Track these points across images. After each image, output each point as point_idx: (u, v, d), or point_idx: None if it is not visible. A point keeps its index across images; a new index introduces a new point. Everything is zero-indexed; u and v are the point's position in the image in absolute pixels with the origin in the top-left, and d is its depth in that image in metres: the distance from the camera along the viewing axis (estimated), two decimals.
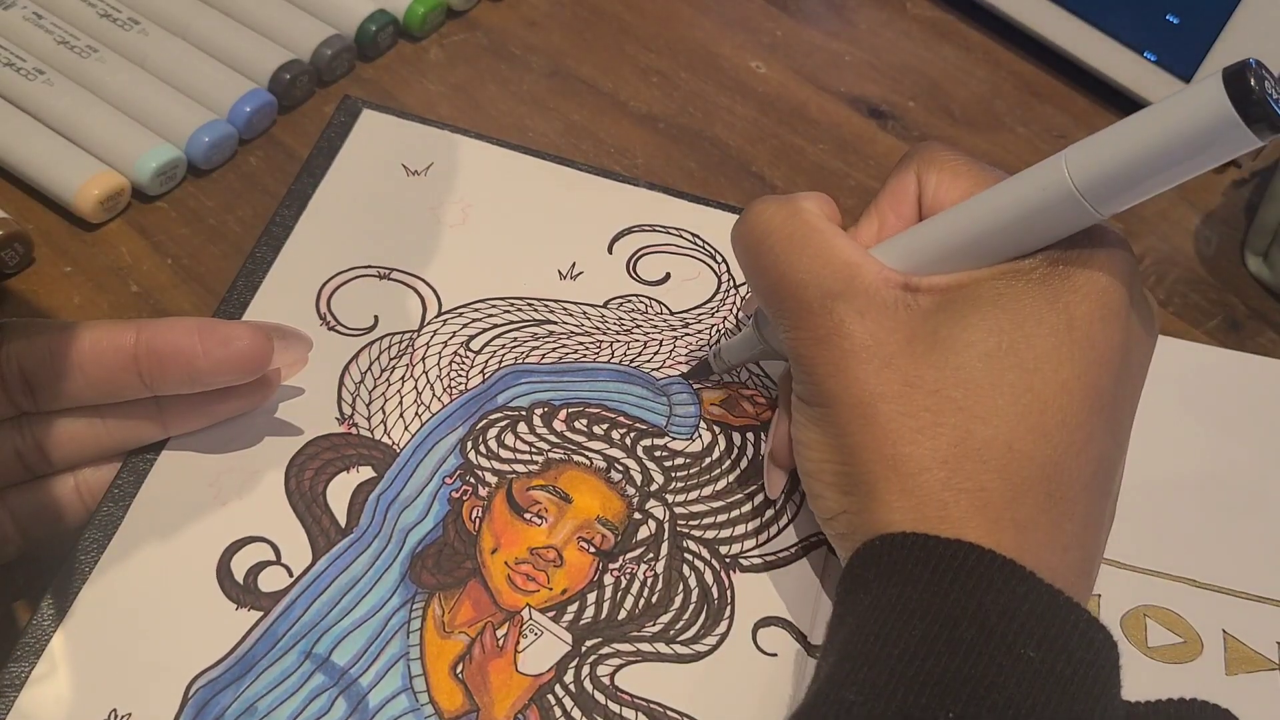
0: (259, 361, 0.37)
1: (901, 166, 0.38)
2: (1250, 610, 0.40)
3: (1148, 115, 0.31)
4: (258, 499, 0.38)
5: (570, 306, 0.44)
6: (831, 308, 0.34)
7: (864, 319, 0.34)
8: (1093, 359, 0.33)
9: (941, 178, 0.36)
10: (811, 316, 0.34)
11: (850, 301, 0.34)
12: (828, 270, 0.35)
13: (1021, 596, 0.30)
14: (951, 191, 0.36)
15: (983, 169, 0.36)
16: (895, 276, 0.34)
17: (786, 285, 0.35)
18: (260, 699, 0.35)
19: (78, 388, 0.36)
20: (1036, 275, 0.33)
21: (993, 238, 0.34)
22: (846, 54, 0.59)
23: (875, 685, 0.29)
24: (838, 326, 0.34)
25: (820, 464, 0.35)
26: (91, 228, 0.48)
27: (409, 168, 0.47)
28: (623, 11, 0.59)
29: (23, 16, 0.52)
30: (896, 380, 0.33)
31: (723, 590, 0.38)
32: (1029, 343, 0.33)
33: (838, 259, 0.35)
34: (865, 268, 0.35)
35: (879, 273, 0.34)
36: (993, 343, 0.33)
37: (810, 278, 0.35)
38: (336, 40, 0.53)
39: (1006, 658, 0.29)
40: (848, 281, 0.34)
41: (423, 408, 0.41)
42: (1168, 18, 0.55)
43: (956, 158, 0.37)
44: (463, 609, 0.37)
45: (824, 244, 0.35)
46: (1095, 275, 0.33)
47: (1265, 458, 0.44)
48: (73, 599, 0.36)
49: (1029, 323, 0.33)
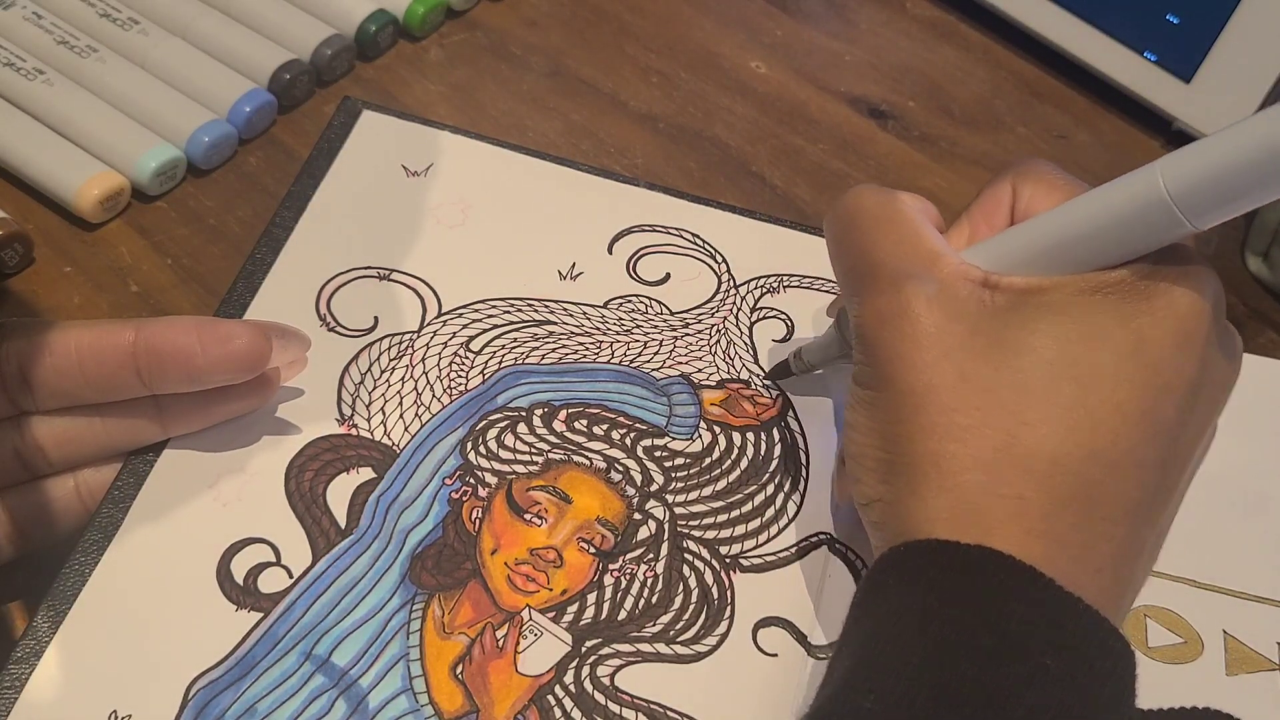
0: (257, 360, 0.37)
1: (999, 177, 0.37)
2: (1250, 610, 0.40)
3: (1247, 124, 0.30)
4: (258, 500, 0.38)
5: (570, 307, 0.44)
6: (902, 287, 0.34)
7: (932, 305, 0.33)
8: (1156, 385, 0.32)
9: (1037, 189, 0.36)
10: (881, 294, 0.34)
11: (924, 286, 0.34)
12: (909, 254, 0.34)
13: (1042, 604, 0.30)
14: (1045, 203, 0.36)
15: (1080, 185, 0.36)
16: (974, 271, 0.34)
17: (865, 262, 0.35)
18: (260, 700, 0.35)
19: (77, 386, 0.36)
20: (1115, 291, 0.33)
21: (1077, 243, 0.33)
22: (846, 54, 0.59)
23: (892, 693, 0.29)
24: (904, 308, 0.34)
25: (865, 448, 0.35)
26: (91, 228, 0.48)
27: (409, 169, 0.47)
28: (623, 11, 0.59)
29: (23, 16, 0.52)
30: (953, 373, 0.33)
31: (723, 590, 0.38)
32: (1092, 357, 0.32)
33: (921, 245, 0.35)
34: (946, 258, 0.34)
35: (958, 265, 0.34)
36: (1055, 351, 0.32)
37: (889, 257, 0.35)
38: (336, 40, 0.53)
39: (1024, 666, 0.29)
40: (926, 267, 0.34)
41: (423, 408, 0.41)
42: (1168, 18, 0.55)
43: (1055, 172, 0.36)
44: (463, 610, 0.37)
45: (911, 230, 0.35)
46: (1174, 299, 0.33)
47: (1265, 458, 0.44)
48: (73, 600, 0.36)
49: (1096, 337, 0.32)
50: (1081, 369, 0.32)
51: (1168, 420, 0.33)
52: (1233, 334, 0.35)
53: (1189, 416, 0.33)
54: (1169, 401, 0.32)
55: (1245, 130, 0.30)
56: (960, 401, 0.32)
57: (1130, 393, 0.32)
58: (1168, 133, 0.56)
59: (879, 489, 0.34)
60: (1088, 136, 0.56)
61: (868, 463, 0.34)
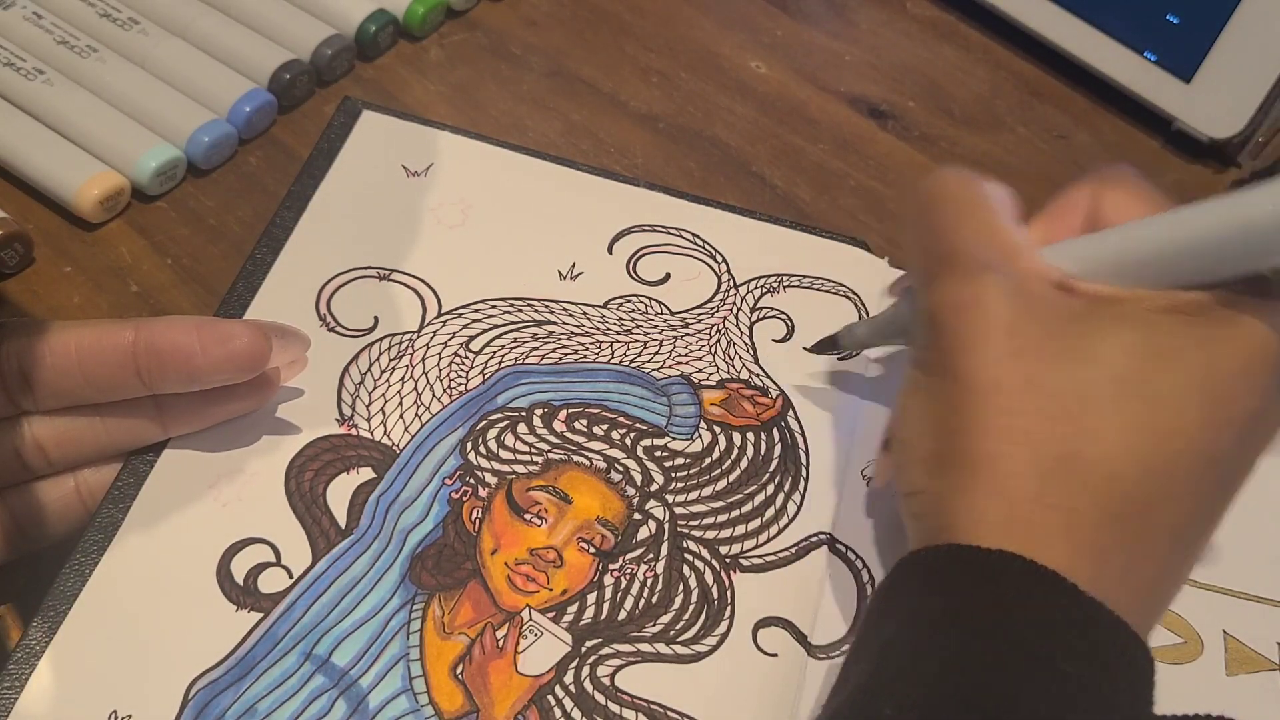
0: (257, 359, 0.37)
1: (1079, 183, 0.37)
2: (1250, 610, 0.40)
3: None
4: (258, 500, 0.38)
5: (570, 307, 0.44)
6: (979, 277, 0.33)
7: (1008, 300, 0.33)
8: (1221, 414, 0.32)
9: (1122, 197, 0.36)
10: (958, 281, 0.34)
11: (1001, 278, 0.33)
12: (990, 243, 0.34)
13: (1064, 610, 0.30)
14: (1128, 212, 0.35)
15: (1166, 198, 0.35)
16: (1053, 272, 0.34)
17: (944, 245, 0.34)
18: (260, 700, 0.35)
19: (77, 386, 0.36)
20: (1192, 313, 0.32)
21: (1164, 258, 0.33)
22: (846, 54, 0.59)
23: (912, 700, 0.29)
24: (979, 298, 0.33)
25: (918, 436, 0.34)
26: (91, 228, 0.48)
27: (409, 169, 0.47)
28: (623, 11, 0.59)
29: (23, 16, 0.52)
30: (1020, 373, 0.32)
31: (723, 590, 0.38)
32: (1163, 378, 0.32)
33: (1003, 236, 0.34)
34: (1026, 253, 0.34)
35: (1036, 264, 0.34)
36: (1126, 366, 0.32)
37: (969, 244, 0.34)
38: (336, 40, 0.53)
39: (1046, 674, 0.29)
40: (1005, 259, 0.34)
41: (423, 408, 0.41)
42: (1168, 18, 0.55)
43: (1142, 182, 0.36)
44: (463, 610, 0.37)
45: (994, 219, 0.35)
46: (1251, 329, 0.32)
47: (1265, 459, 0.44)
48: (73, 600, 0.36)
49: (1168, 357, 0.32)
50: (1150, 388, 0.32)
51: (1226, 451, 0.32)
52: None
53: (1245, 448, 0.33)
54: (1230, 433, 0.32)
55: None
56: (1025, 405, 0.32)
57: (1195, 419, 0.31)
58: (1167, 133, 0.56)
59: (926, 481, 0.33)
60: (1088, 136, 0.56)
61: (918, 452, 0.34)
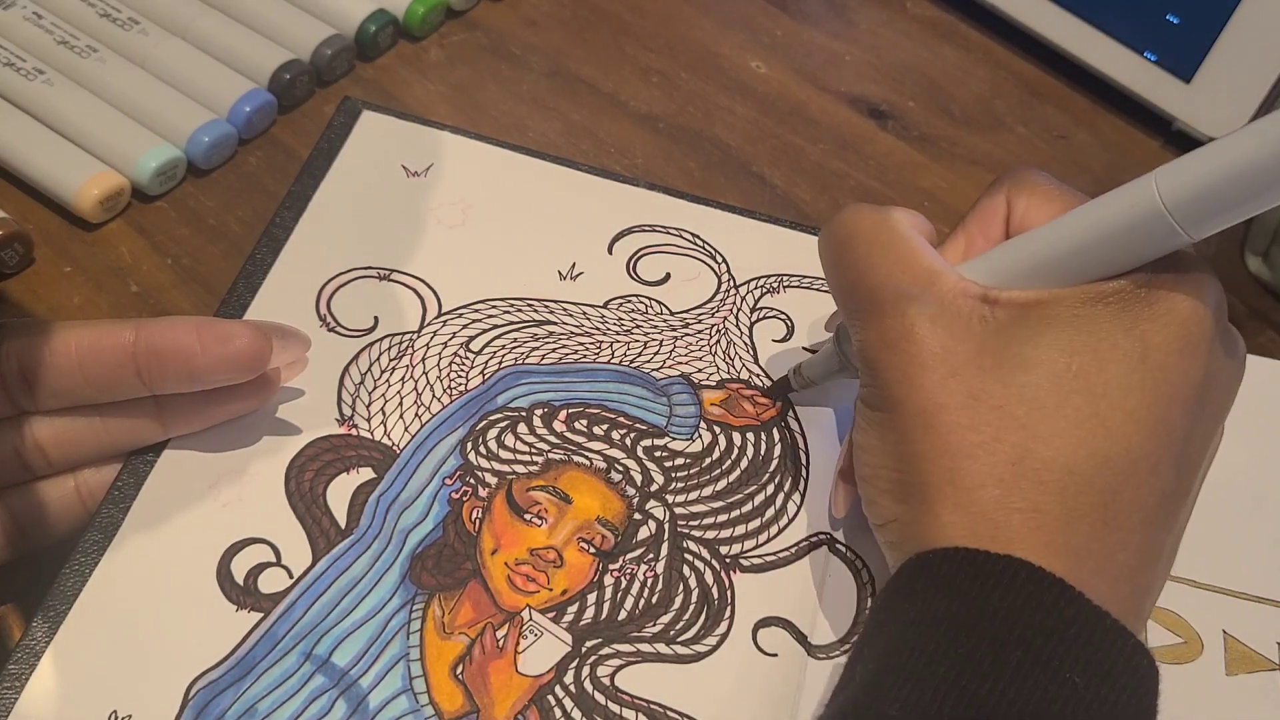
0: (257, 359, 0.37)
1: (992, 189, 0.37)
2: (1250, 610, 0.40)
3: (1243, 134, 0.30)
4: (258, 500, 0.38)
5: (570, 307, 0.44)
6: (905, 310, 0.34)
7: (935, 326, 0.33)
8: (1165, 391, 0.32)
9: (1032, 201, 0.36)
10: (884, 318, 0.34)
11: (925, 307, 0.34)
12: (907, 274, 0.34)
13: (1070, 619, 0.30)
14: (1041, 214, 0.36)
15: (1075, 195, 0.36)
16: (974, 288, 0.34)
17: (864, 285, 0.35)
18: (260, 700, 0.35)
19: (77, 386, 0.36)
20: (1116, 299, 0.33)
21: (1076, 256, 0.33)
22: (846, 54, 0.59)
23: (919, 705, 0.29)
24: (909, 331, 0.34)
25: (878, 469, 0.35)
26: (91, 228, 0.48)
27: (409, 169, 0.47)
28: (623, 11, 0.59)
29: (23, 16, 0.52)
30: (961, 391, 0.33)
31: (723, 590, 0.38)
32: (1100, 367, 0.32)
33: (919, 265, 0.35)
34: (944, 276, 0.34)
35: (957, 283, 0.34)
36: (1062, 364, 0.32)
37: (888, 280, 0.35)
38: (336, 40, 0.53)
39: (1052, 682, 0.29)
40: (925, 287, 0.34)
41: (423, 409, 0.41)
42: (1168, 18, 0.55)
43: (1049, 183, 0.36)
44: (463, 610, 0.37)
45: (907, 249, 0.35)
46: (1176, 305, 0.33)
47: (1265, 458, 0.44)
48: (73, 600, 0.36)
49: (1102, 347, 0.32)
50: (1089, 379, 0.32)
51: (1177, 424, 0.33)
52: (1235, 336, 0.35)
53: (1197, 419, 0.33)
54: (1177, 406, 0.33)
55: (1239, 139, 0.30)
56: (971, 419, 0.32)
57: (1139, 400, 0.32)
58: (1168, 133, 0.56)
59: (895, 509, 0.34)
60: (1088, 136, 0.56)
61: (882, 484, 0.35)
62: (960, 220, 0.38)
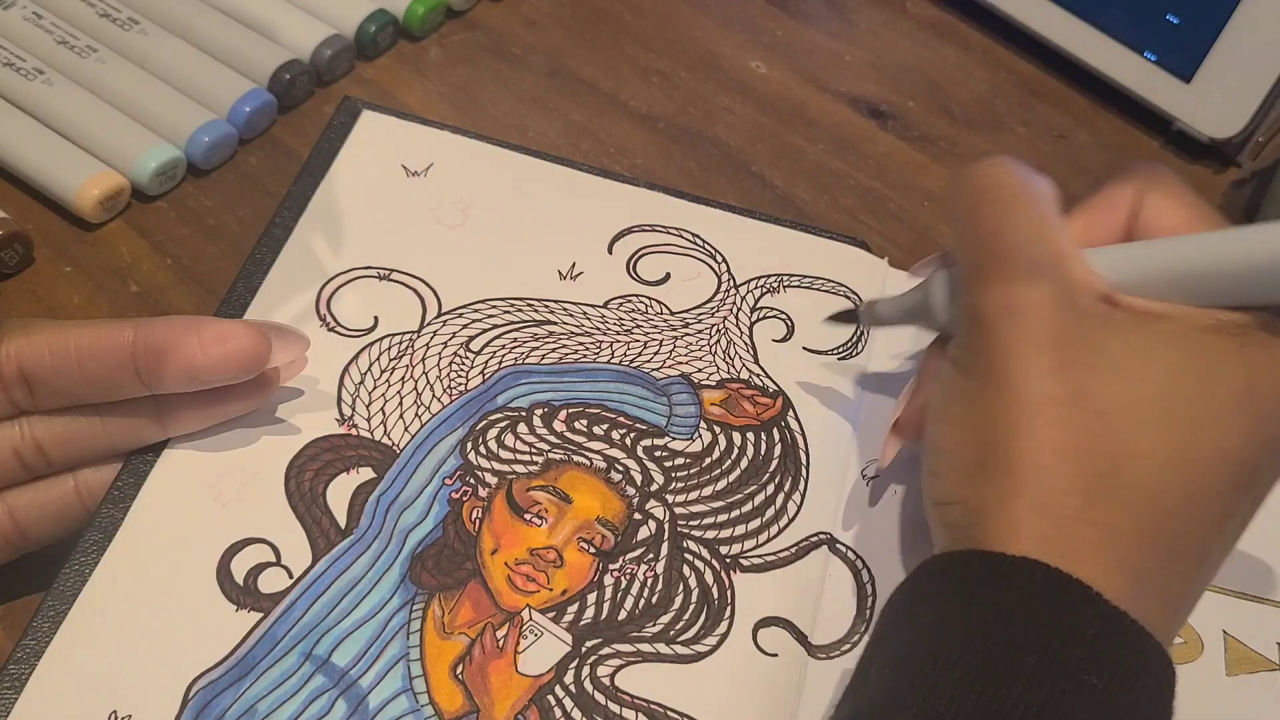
0: (256, 359, 0.37)
1: (1122, 178, 0.36)
2: (1250, 610, 0.40)
3: None
4: (258, 500, 0.38)
5: (570, 307, 0.44)
6: (1033, 282, 0.32)
7: (1060, 310, 0.32)
8: (1263, 437, 0.32)
9: (1166, 202, 0.35)
10: (1013, 282, 0.33)
11: (1057, 286, 0.32)
12: (1042, 245, 0.33)
13: (1087, 620, 0.29)
14: (1173, 216, 0.34)
15: (1208, 206, 0.35)
16: (1099, 283, 0.33)
17: (1001, 242, 0.33)
18: (260, 700, 0.35)
19: (76, 385, 0.36)
20: (1239, 332, 0.32)
21: (1212, 279, 0.32)
22: (846, 54, 0.59)
23: (935, 710, 0.29)
24: (1037, 305, 0.32)
25: (956, 443, 0.33)
26: (91, 228, 0.48)
27: (409, 169, 0.47)
28: (623, 11, 0.59)
29: (23, 16, 0.52)
30: (1070, 386, 0.32)
31: (723, 590, 0.38)
32: (1207, 399, 0.31)
33: (1054, 239, 0.33)
34: (1073, 263, 0.33)
35: (1084, 273, 0.33)
36: (1172, 386, 0.32)
37: (1025, 245, 0.33)
38: (336, 40, 0.53)
39: (1070, 684, 0.28)
40: (1056, 265, 0.33)
41: (423, 408, 0.41)
42: (1168, 18, 0.55)
43: (1184, 188, 0.35)
44: (463, 610, 0.37)
45: (1047, 222, 0.34)
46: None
47: None
48: (73, 600, 0.36)
49: (1214, 378, 0.32)
50: (1194, 408, 0.31)
51: (1263, 472, 0.32)
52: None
53: (1277, 467, 0.33)
54: (1268, 454, 0.32)
55: None
56: (1073, 419, 0.31)
57: (1237, 442, 0.31)
58: (1168, 133, 0.56)
59: (965, 490, 0.33)
60: (1088, 136, 0.56)
61: (956, 460, 0.33)
62: (1081, 202, 0.36)
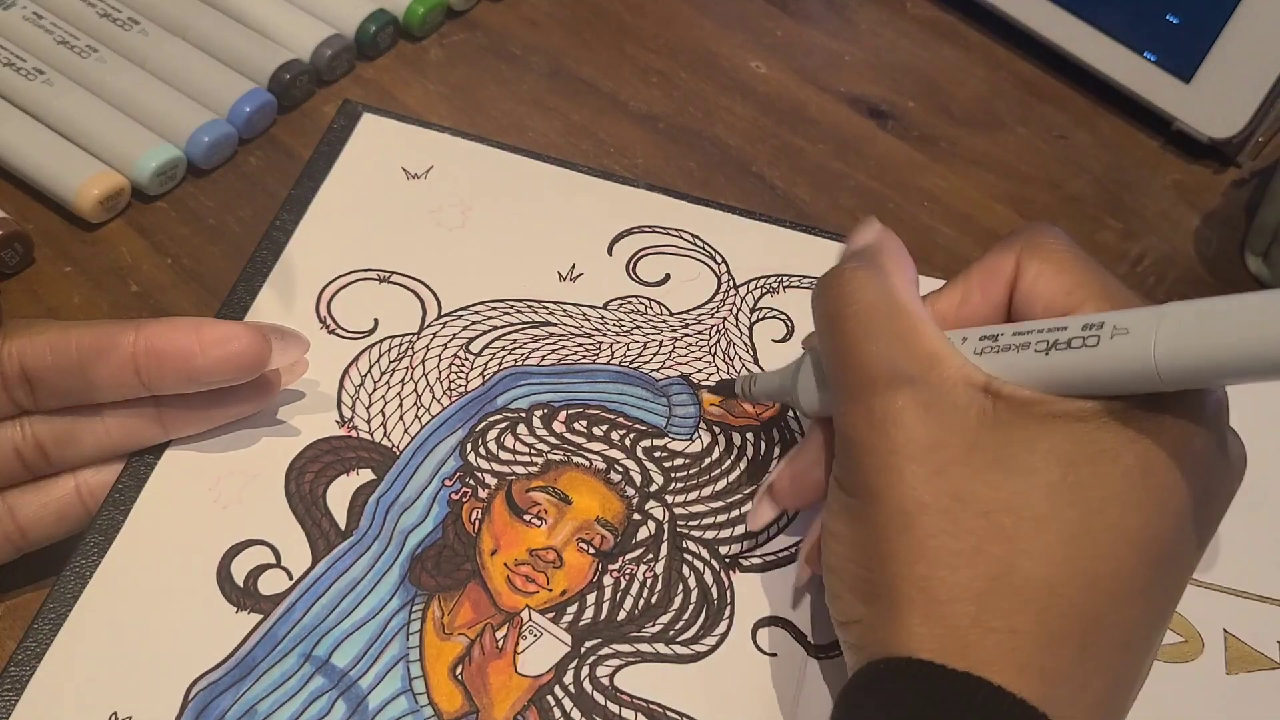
0: (256, 361, 0.37)
1: (1004, 245, 0.35)
2: (1250, 610, 0.40)
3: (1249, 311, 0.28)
4: (258, 502, 0.38)
5: (570, 308, 0.44)
6: (896, 393, 0.31)
7: (928, 414, 0.31)
8: (1164, 510, 0.30)
9: (1045, 268, 0.33)
10: (873, 396, 0.32)
11: (920, 391, 0.31)
12: (907, 354, 0.32)
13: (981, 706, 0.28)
14: (1050, 286, 0.33)
15: (1087, 265, 0.33)
16: (977, 375, 0.32)
17: (860, 357, 0.33)
18: (260, 701, 0.35)
19: (77, 386, 0.36)
20: (1120, 410, 0.31)
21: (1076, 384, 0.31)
22: (846, 54, 0.59)
23: None
24: (897, 415, 0.31)
25: (845, 562, 0.32)
26: (91, 228, 0.48)
27: (409, 171, 0.47)
28: (623, 11, 0.59)
29: (23, 16, 0.52)
30: (946, 491, 0.30)
31: (722, 590, 0.38)
32: (1098, 481, 0.30)
33: (922, 346, 0.32)
34: (949, 361, 0.32)
35: (961, 369, 0.32)
36: (1058, 474, 0.30)
37: (884, 357, 0.32)
38: (336, 40, 0.53)
39: None
40: (925, 370, 0.32)
41: (422, 410, 0.41)
42: (1168, 18, 0.55)
43: (1064, 249, 0.34)
44: (462, 611, 0.37)
45: (909, 326, 0.33)
46: (1183, 421, 0.31)
47: (1265, 458, 0.44)
48: (73, 602, 0.36)
49: (1103, 460, 0.30)
50: (1086, 493, 0.30)
51: (1171, 545, 0.31)
52: (1235, 443, 0.34)
53: (1192, 539, 0.32)
54: (1173, 526, 0.31)
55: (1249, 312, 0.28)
56: (954, 525, 0.30)
57: (1138, 519, 0.30)
58: (1167, 133, 0.56)
59: (859, 609, 0.32)
60: (1088, 136, 0.56)
61: (848, 578, 0.32)
62: (963, 271, 0.35)
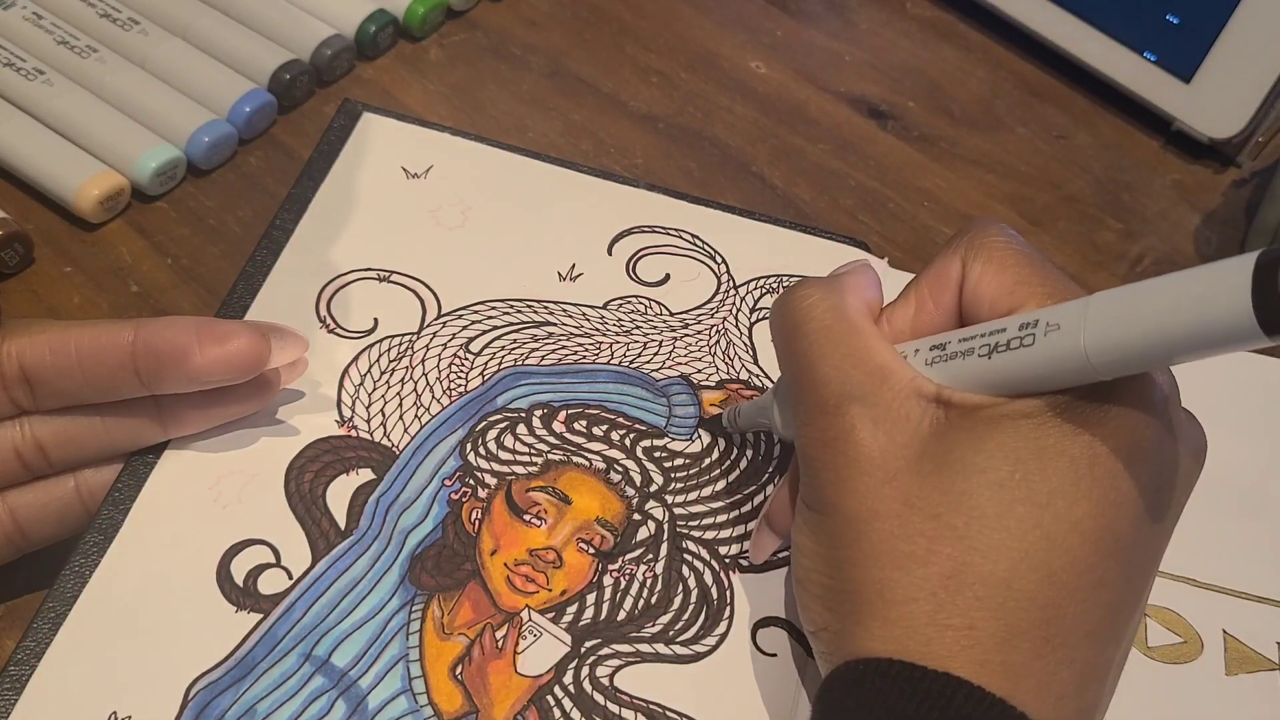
0: (255, 360, 0.37)
1: (949, 248, 0.35)
2: (1250, 610, 0.40)
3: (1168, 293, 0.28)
4: (258, 501, 0.38)
5: (570, 308, 0.44)
6: (846, 410, 0.32)
7: (877, 428, 0.32)
8: (1113, 499, 0.31)
9: (986, 269, 0.33)
10: (824, 415, 0.33)
11: (869, 407, 0.32)
12: (856, 372, 0.33)
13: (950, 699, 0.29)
14: (993, 285, 0.33)
15: (1029, 260, 0.33)
16: (928, 387, 0.32)
17: (809, 378, 0.33)
18: (260, 701, 0.35)
19: (76, 385, 0.36)
20: (1064, 405, 0.31)
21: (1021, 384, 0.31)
22: (846, 54, 0.59)
23: None
24: (847, 431, 0.32)
25: (810, 573, 0.33)
26: (91, 228, 0.48)
27: (409, 170, 0.47)
28: (623, 11, 0.59)
29: (23, 16, 0.52)
30: (896, 498, 0.31)
31: (722, 590, 0.38)
32: (1045, 476, 0.30)
33: (870, 361, 0.33)
34: (898, 375, 0.33)
35: (911, 381, 0.33)
36: (1005, 471, 0.31)
37: (835, 376, 0.33)
38: (336, 40, 0.53)
39: None
40: (874, 386, 0.32)
41: (422, 410, 0.41)
42: (1168, 18, 0.55)
43: (1006, 245, 0.34)
44: (462, 610, 0.37)
45: (859, 344, 0.33)
46: (1127, 410, 0.31)
47: (1265, 458, 0.44)
48: (73, 602, 0.36)
49: (1049, 454, 0.31)
50: (1034, 488, 0.30)
51: (1126, 533, 0.31)
52: (1193, 427, 0.34)
53: (1149, 526, 0.32)
54: (1125, 515, 0.31)
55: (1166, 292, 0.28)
56: (904, 528, 0.31)
57: (1087, 509, 0.30)
58: (1167, 133, 0.56)
59: (825, 617, 0.33)
60: (1088, 136, 0.56)
61: (813, 589, 0.33)
62: (914, 278, 0.36)
